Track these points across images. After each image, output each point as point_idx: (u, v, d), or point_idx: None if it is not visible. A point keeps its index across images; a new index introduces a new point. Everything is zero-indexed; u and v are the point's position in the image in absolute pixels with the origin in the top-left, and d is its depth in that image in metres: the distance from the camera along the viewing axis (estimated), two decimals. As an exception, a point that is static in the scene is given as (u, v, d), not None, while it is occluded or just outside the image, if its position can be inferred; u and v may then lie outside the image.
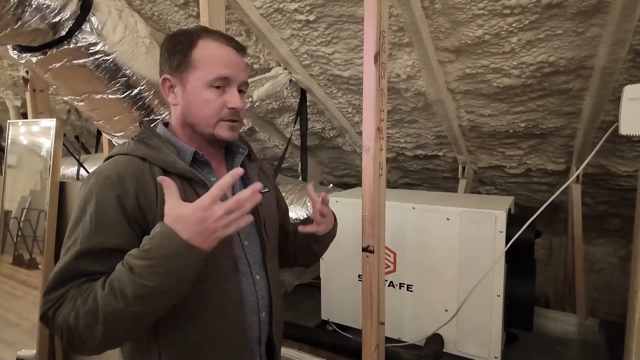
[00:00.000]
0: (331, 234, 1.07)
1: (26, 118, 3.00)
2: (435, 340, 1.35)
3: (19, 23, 1.19)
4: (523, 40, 1.50)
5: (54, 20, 1.24)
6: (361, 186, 1.17)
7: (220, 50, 0.85)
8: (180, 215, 0.65)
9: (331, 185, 2.24)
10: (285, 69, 1.96)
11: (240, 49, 0.88)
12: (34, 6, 1.18)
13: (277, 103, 2.43)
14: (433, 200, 1.46)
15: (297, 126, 2.26)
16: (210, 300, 0.80)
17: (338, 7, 1.57)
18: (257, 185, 0.71)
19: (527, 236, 1.25)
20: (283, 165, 3.29)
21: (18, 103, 2.96)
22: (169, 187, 0.68)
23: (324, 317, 1.62)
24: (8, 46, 1.34)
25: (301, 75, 2.00)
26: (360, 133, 2.51)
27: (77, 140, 3.20)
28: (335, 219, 1.08)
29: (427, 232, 1.39)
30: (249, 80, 2.06)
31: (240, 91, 0.88)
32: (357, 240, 1.15)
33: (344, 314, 1.58)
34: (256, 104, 1.90)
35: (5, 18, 1.17)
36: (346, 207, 1.52)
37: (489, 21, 1.45)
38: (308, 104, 2.21)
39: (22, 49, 1.31)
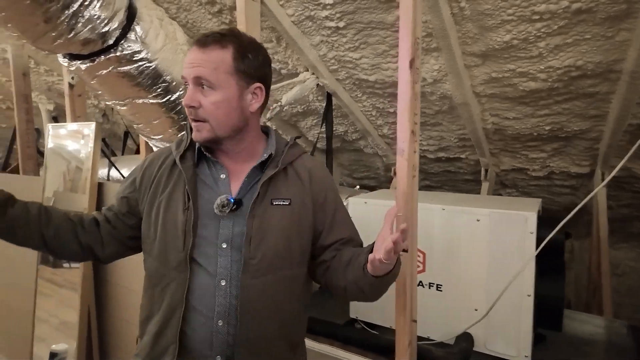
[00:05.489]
0: (390, 277, 0.83)
1: (57, 122, 3.12)
2: (465, 338, 1.38)
3: (72, 33, 1.27)
4: (551, 45, 1.53)
5: (103, 30, 1.32)
6: (387, 188, 1.21)
7: (189, 53, 0.86)
8: None
9: (358, 186, 2.29)
10: (312, 73, 2.01)
11: (201, 43, 0.83)
12: (86, 17, 1.26)
13: (302, 107, 2.48)
14: (462, 202, 1.49)
15: (321, 129, 2.31)
16: (157, 282, 0.88)
17: (368, 14, 1.62)
18: None
19: (557, 237, 1.27)
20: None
21: (51, 107, 3.08)
22: None
23: (352, 315, 1.66)
24: (58, 54, 1.42)
25: (328, 80, 2.05)
26: (382, 136, 2.56)
27: (104, 142, 3.32)
28: (399, 259, 0.83)
29: (457, 233, 1.42)
30: (278, 85, 2.09)
31: (204, 89, 0.82)
32: None
33: (372, 312, 1.61)
34: (284, 108, 1.96)
35: (60, 28, 1.24)
36: (374, 208, 1.56)
37: (518, 26, 1.48)
38: (332, 107, 2.26)
39: (72, 57, 1.38)
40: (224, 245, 0.84)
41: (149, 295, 0.90)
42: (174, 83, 1.53)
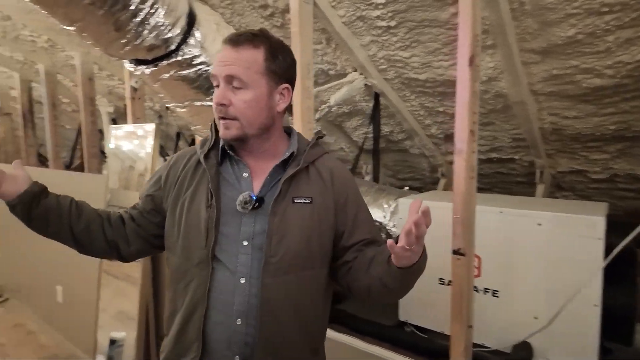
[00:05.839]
0: (415, 269, 0.79)
1: (115, 123, 3.32)
2: (524, 347, 1.32)
3: (139, 39, 1.35)
4: (621, 39, 1.43)
5: (166, 36, 1.39)
6: (433, 189, 1.18)
7: (219, 52, 0.87)
8: None
9: (407, 187, 2.26)
10: (361, 74, 2.01)
11: (234, 42, 0.83)
12: (152, 24, 1.33)
13: (348, 107, 2.48)
14: (521, 205, 1.43)
15: (366, 129, 2.30)
16: (180, 278, 0.89)
17: (421, 12, 1.59)
18: None
19: (629, 244, 1.19)
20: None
21: (110, 109, 3.28)
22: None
23: (402, 318, 1.64)
24: (125, 60, 1.51)
25: (376, 80, 2.04)
26: (430, 136, 2.50)
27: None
28: (424, 251, 0.81)
29: (515, 237, 1.36)
30: (325, 86, 2.10)
31: (235, 88, 0.83)
32: (437, 243, 1.15)
33: (422, 316, 1.59)
34: (333, 108, 1.97)
35: (128, 35, 1.33)
36: (426, 209, 1.53)
37: (584, 20, 1.40)
38: (380, 107, 2.25)
39: (138, 62, 1.47)
40: (245, 243, 0.85)
41: (172, 292, 0.91)
42: (229, 85, 1.58)
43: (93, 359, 2.33)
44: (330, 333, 1.55)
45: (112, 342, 2.28)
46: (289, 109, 0.95)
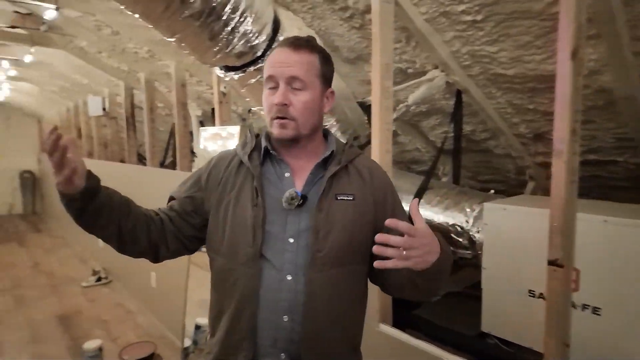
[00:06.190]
0: (434, 271, 0.77)
1: (203, 126, 3.58)
2: (632, 374, 1.17)
3: (229, 47, 1.44)
4: None
5: (254, 43, 1.47)
6: (518, 193, 1.09)
7: (273, 54, 0.89)
8: None
9: (492, 191, 2.13)
10: (442, 71, 1.93)
11: (295, 46, 0.86)
12: (241, 32, 1.42)
13: (426, 106, 2.41)
14: (629, 213, 1.27)
15: (445, 129, 2.20)
16: (226, 277, 0.89)
17: (511, 3, 1.49)
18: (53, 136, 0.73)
19: None
20: (419, 168, 3.25)
21: (199, 113, 3.56)
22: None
23: (485, 329, 1.55)
24: (216, 67, 1.63)
25: (459, 77, 1.95)
26: (517, 135, 2.33)
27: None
28: (444, 251, 0.78)
29: (622, 249, 1.21)
30: (402, 85, 2.05)
31: (295, 89, 0.86)
32: (527, 252, 1.07)
33: (509, 329, 1.48)
34: (411, 108, 1.92)
35: (220, 44, 1.43)
36: (515, 215, 1.43)
37: None
38: (462, 105, 2.14)
39: (228, 68, 1.57)
40: (291, 240, 0.86)
41: (218, 292, 0.92)
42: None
43: (181, 342, 2.55)
44: (404, 337, 1.52)
45: (197, 327, 2.47)
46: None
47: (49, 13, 2.76)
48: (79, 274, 4.52)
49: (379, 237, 0.73)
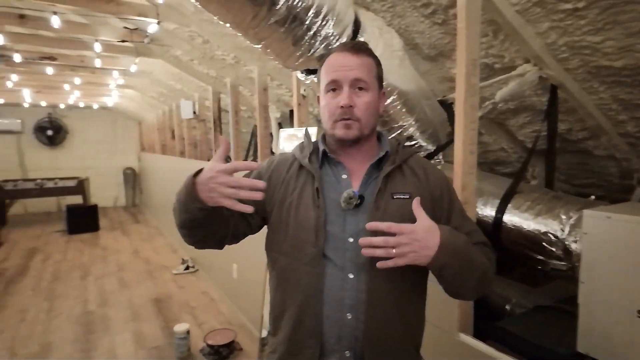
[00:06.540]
0: (437, 267, 0.83)
1: (282, 127, 3.73)
2: None
3: (311, 51, 1.48)
4: None
5: (334, 46, 1.49)
6: (621, 199, 0.95)
7: (332, 59, 0.92)
8: (206, 166, 0.83)
9: (593, 196, 1.92)
10: (535, 65, 1.79)
11: (356, 50, 0.90)
12: (322, 35, 1.45)
13: (514, 103, 2.24)
14: None
15: (536, 127, 2.02)
16: (289, 277, 0.91)
17: (623, -14, 1.33)
18: (258, 183, 0.80)
19: None
20: (503, 170, 3.02)
21: (278, 115, 3.71)
22: (222, 147, 0.84)
23: (581, 349, 1.40)
24: (297, 70, 1.69)
25: (554, 71, 1.79)
26: (623, 134, 2.06)
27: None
28: (444, 247, 0.82)
29: None
30: (489, 82, 1.95)
31: (360, 89, 0.89)
32: (637, 267, 0.94)
33: (611, 352, 1.32)
34: (498, 105, 1.80)
35: (302, 48, 1.47)
36: (622, 225, 1.27)
37: None
38: (557, 101, 1.96)
39: (308, 72, 1.62)
40: (351, 240, 0.89)
41: (281, 291, 0.94)
42: (388, 89, 1.61)
43: (259, 332, 2.68)
44: (487, 349, 1.44)
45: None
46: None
47: (152, 27, 3.09)
48: (171, 262, 4.99)
49: (362, 240, 0.81)
